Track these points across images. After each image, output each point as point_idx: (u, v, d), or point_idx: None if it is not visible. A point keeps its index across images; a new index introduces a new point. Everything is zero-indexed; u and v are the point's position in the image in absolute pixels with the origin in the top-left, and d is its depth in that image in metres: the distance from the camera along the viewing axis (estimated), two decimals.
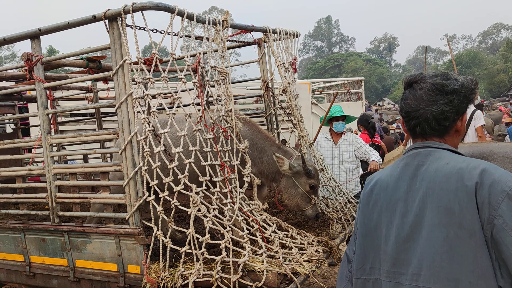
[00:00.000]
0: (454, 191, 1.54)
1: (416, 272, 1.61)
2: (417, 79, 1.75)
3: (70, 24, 3.39)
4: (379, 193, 1.80)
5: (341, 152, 5.83)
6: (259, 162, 4.14)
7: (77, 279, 3.64)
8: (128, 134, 3.22)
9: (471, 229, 1.50)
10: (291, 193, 4.08)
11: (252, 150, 4.06)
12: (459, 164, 1.59)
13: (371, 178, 1.90)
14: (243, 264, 2.94)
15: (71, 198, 3.64)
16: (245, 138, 3.96)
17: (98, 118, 6.29)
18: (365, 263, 1.81)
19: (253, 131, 4.15)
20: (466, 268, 1.50)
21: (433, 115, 1.68)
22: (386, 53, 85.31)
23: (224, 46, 3.83)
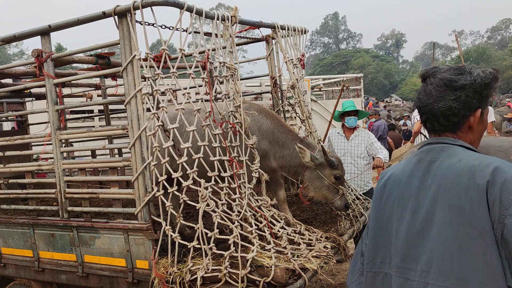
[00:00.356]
0: (466, 189, 1.53)
1: (425, 269, 1.60)
2: (429, 74, 1.74)
3: (80, 20, 3.40)
4: (392, 188, 1.79)
5: (353, 148, 5.81)
6: (280, 157, 4.07)
7: (86, 275, 3.66)
8: (137, 129, 3.23)
9: (481, 228, 1.48)
10: (316, 185, 3.99)
11: (272, 145, 4.02)
12: (472, 161, 1.57)
13: (385, 172, 1.90)
14: (251, 259, 2.95)
15: (80, 193, 3.66)
16: (266, 131, 3.95)
17: (107, 115, 6.32)
18: (375, 257, 1.82)
19: (275, 125, 4.08)
20: (475, 267, 1.49)
21: (441, 111, 1.66)
22: (394, 49, 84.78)
23: (233, 42, 3.83)
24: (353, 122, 5.84)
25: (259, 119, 4.01)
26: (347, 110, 5.82)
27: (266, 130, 3.98)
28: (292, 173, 4.19)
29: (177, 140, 3.21)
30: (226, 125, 3.62)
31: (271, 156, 4.04)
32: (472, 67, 1.70)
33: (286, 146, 4.06)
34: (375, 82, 61.30)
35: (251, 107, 4.08)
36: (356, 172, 5.79)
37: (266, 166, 4.05)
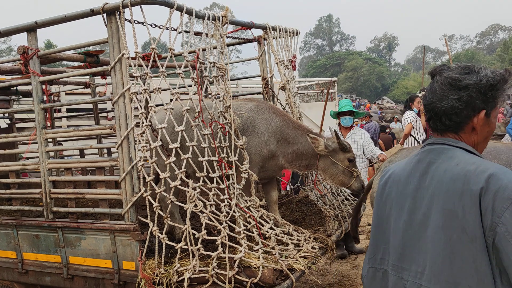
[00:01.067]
0: (460, 195, 1.51)
1: (419, 270, 1.61)
2: (436, 71, 1.71)
3: (68, 17, 3.36)
4: (392, 186, 1.80)
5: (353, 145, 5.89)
6: (289, 153, 4.05)
7: (71, 276, 3.60)
8: (125, 129, 3.19)
9: (473, 234, 1.47)
10: (332, 172, 4.03)
11: (280, 143, 4.00)
12: (468, 166, 1.55)
13: (386, 170, 1.89)
14: (239, 260, 2.93)
15: (66, 193, 3.61)
16: (275, 130, 3.94)
17: (96, 113, 6.25)
18: (376, 253, 1.83)
19: (284, 122, 4.05)
20: (466, 272, 1.49)
21: (443, 110, 1.64)
22: (386, 52, 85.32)
23: (224, 42, 3.81)
24: (348, 121, 6.01)
25: (268, 117, 3.98)
26: (342, 111, 5.97)
27: (275, 128, 3.96)
28: (304, 166, 4.18)
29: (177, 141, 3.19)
30: (216, 126, 3.60)
31: (279, 154, 4.01)
32: (481, 67, 1.67)
33: (296, 141, 4.03)
34: (367, 84, 61.65)
35: (259, 104, 4.06)
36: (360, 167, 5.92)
37: (274, 164, 4.04)
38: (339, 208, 4.54)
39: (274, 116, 3.99)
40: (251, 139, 3.85)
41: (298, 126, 4.12)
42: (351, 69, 61.87)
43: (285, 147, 4.02)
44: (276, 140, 3.96)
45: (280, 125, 4.00)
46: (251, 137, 3.86)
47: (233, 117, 3.69)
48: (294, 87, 5.04)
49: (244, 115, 3.92)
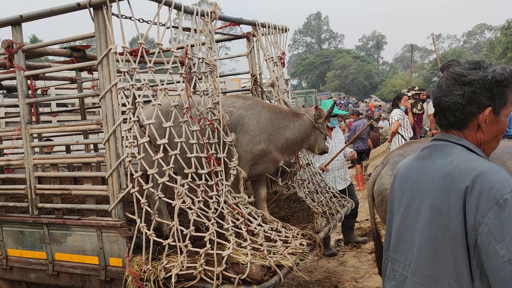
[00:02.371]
0: (447, 192, 1.52)
1: (408, 263, 1.64)
2: (444, 66, 1.70)
3: (53, 11, 3.31)
4: (396, 181, 1.83)
5: (336, 145, 6.22)
6: (282, 144, 4.04)
7: (56, 273, 3.56)
8: (112, 124, 3.16)
9: (454, 232, 1.48)
10: (320, 141, 4.20)
11: (272, 137, 3.96)
12: (461, 164, 1.54)
13: (398, 165, 1.92)
14: (227, 256, 2.92)
15: (52, 189, 3.56)
16: (265, 123, 3.91)
17: (82, 109, 6.18)
18: (389, 246, 1.86)
19: (273, 114, 4.02)
20: (447, 270, 1.50)
21: (447, 106, 1.62)
22: (374, 50, 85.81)
23: (212, 38, 3.79)
24: (335, 122, 6.48)
25: (257, 112, 3.94)
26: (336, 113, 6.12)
27: (265, 123, 3.92)
28: (298, 148, 4.24)
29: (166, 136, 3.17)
30: (204, 122, 3.58)
31: (272, 149, 3.97)
32: (491, 63, 1.64)
33: (287, 128, 4.04)
34: (355, 83, 61.96)
35: (246, 101, 4.04)
36: (340, 166, 6.26)
37: (268, 160, 4.01)
38: (327, 205, 4.56)
39: (262, 111, 3.96)
40: (241, 137, 3.82)
41: (286, 113, 4.13)
42: (339, 67, 62.10)
43: (278, 139, 3.99)
44: (267, 135, 3.92)
45: (270, 118, 3.96)
46: (241, 135, 3.82)
47: (222, 113, 3.68)
48: (283, 84, 5.04)
49: (233, 112, 3.90)
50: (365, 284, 4.76)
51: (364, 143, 10.20)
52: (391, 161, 3.56)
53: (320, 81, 66.24)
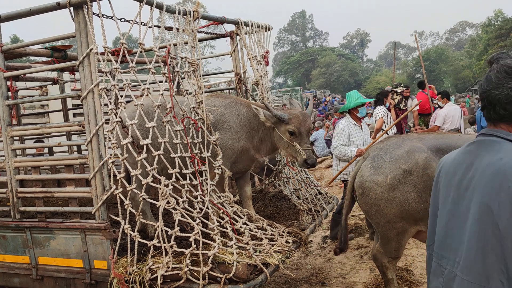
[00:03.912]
0: (497, 190, 1.48)
1: (457, 260, 1.62)
2: (494, 59, 1.66)
3: (33, 11, 3.26)
4: (442, 176, 1.80)
5: (366, 135, 6.11)
6: (257, 141, 4.03)
7: (40, 277, 3.52)
8: (94, 125, 3.13)
9: (505, 231, 1.45)
10: (282, 145, 3.96)
11: (250, 134, 3.97)
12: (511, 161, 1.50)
13: (442, 158, 1.89)
14: (213, 256, 2.92)
15: (34, 192, 3.51)
16: (243, 119, 3.93)
17: (64, 110, 6.09)
18: (434, 241, 1.83)
19: (250, 111, 4.00)
20: (498, 267, 1.48)
21: (497, 99, 1.57)
22: (359, 48, 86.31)
23: (195, 37, 3.77)
24: (364, 112, 6.16)
25: (236, 110, 3.97)
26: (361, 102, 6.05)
27: (243, 120, 3.95)
28: (270, 149, 4.13)
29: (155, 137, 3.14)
30: (188, 121, 3.57)
31: (250, 146, 3.99)
32: None
33: (260, 126, 4.00)
34: (340, 80, 62.29)
35: (226, 100, 4.05)
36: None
37: (246, 158, 4.02)
38: (313, 202, 4.58)
39: (241, 108, 3.99)
40: (223, 134, 3.85)
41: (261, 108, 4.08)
42: (324, 65, 62.32)
43: (253, 136, 4.02)
44: (245, 132, 3.96)
45: (247, 115, 3.99)
46: (222, 132, 3.85)
47: (206, 112, 3.67)
48: (267, 83, 5.05)
49: (221, 110, 3.91)
50: (352, 280, 4.79)
51: None
52: (371, 155, 3.60)
53: (306, 79, 66.43)
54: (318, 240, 6.32)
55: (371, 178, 3.45)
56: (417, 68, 51.37)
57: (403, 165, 3.34)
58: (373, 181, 3.43)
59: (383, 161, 3.45)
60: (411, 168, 3.31)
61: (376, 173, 3.44)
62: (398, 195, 3.33)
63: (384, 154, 3.48)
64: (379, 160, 3.48)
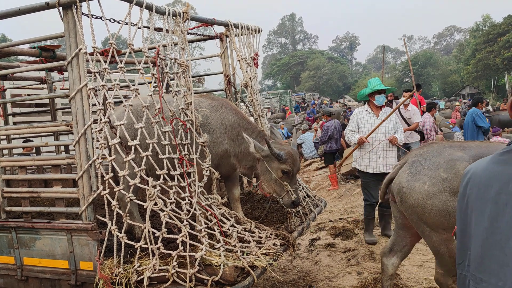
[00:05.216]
0: None
1: (500, 284, 1.47)
2: None
3: (21, 10, 3.24)
4: (472, 188, 1.64)
5: (383, 124, 5.86)
6: (239, 152, 3.97)
7: (25, 278, 3.49)
8: (82, 125, 3.12)
9: None
10: (266, 178, 3.87)
11: (233, 140, 3.93)
12: None
13: (468, 169, 1.74)
14: (200, 258, 2.92)
15: (20, 192, 3.48)
16: (227, 125, 3.89)
17: (52, 110, 6.05)
18: (464, 259, 1.70)
19: (236, 118, 3.97)
20: None
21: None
22: (348, 51, 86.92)
23: (185, 38, 3.77)
24: (381, 100, 5.91)
25: (221, 114, 3.93)
26: (377, 89, 5.89)
27: (227, 125, 3.90)
28: (249, 168, 4.05)
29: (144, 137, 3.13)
30: (177, 122, 3.56)
31: (231, 153, 3.96)
32: None
33: (244, 141, 3.92)
34: (329, 83, 62.60)
35: (213, 102, 4.01)
36: (387, 148, 5.84)
37: (227, 164, 3.99)
38: (301, 205, 4.60)
39: (227, 113, 3.95)
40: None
41: (248, 123, 4.04)
42: (313, 68, 62.61)
43: (237, 145, 3.97)
44: (229, 137, 3.92)
45: (233, 122, 3.94)
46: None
47: (195, 114, 3.67)
48: (256, 85, 5.06)
49: (205, 112, 3.91)
50: (339, 283, 4.82)
51: (337, 143, 10.31)
52: (409, 161, 3.46)
53: (295, 82, 66.67)
54: (305, 243, 6.35)
55: (408, 184, 3.32)
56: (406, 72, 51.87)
57: (442, 173, 3.19)
58: (410, 187, 3.30)
59: (421, 168, 3.32)
60: (451, 177, 3.14)
61: (414, 179, 3.30)
62: (437, 203, 3.16)
63: (423, 161, 3.35)
64: (418, 167, 3.34)
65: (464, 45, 55.64)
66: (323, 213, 7.63)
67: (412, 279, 4.72)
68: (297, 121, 21.98)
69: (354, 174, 9.96)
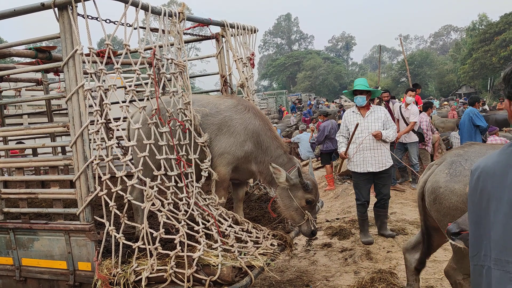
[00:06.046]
0: None
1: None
2: None
3: (17, 11, 3.24)
4: (486, 180, 1.72)
5: (369, 124, 5.82)
6: (260, 161, 3.90)
7: (24, 279, 3.49)
8: (79, 127, 3.12)
9: None
10: (286, 204, 3.81)
11: (256, 148, 3.86)
12: None
13: (476, 166, 1.82)
14: (197, 258, 2.93)
15: (18, 194, 3.48)
16: (253, 132, 3.83)
17: (49, 111, 6.04)
18: (479, 251, 1.76)
19: (263, 127, 3.90)
20: None
21: None
22: (344, 51, 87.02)
23: (181, 38, 3.78)
24: (359, 101, 5.83)
25: (246, 118, 3.85)
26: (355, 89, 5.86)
27: (252, 131, 3.83)
28: (268, 181, 4.01)
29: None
30: (175, 123, 3.57)
31: (253, 159, 3.89)
32: None
33: (268, 153, 3.88)
34: (325, 83, 62.68)
35: (239, 104, 3.94)
36: (375, 147, 5.79)
37: (246, 169, 3.92)
38: None
39: (253, 118, 3.87)
40: (226, 139, 3.78)
41: (275, 136, 3.99)
42: (309, 68, 62.67)
43: (260, 153, 3.89)
44: (252, 142, 3.84)
45: (258, 129, 3.86)
46: (226, 137, 3.78)
47: (193, 113, 3.67)
48: (252, 85, 5.08)
49: (221, 111, 3.86)
50: (336, 283, 4.83)
51: (333, 143, 10.32)
52: (448, 160, 3.33)
53: (291, 82, 66.71)
54: (302, 242, 6.36)
55: (446, 185, 3.18)
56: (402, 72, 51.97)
57: None
58: (449, 188, 3.16)
59: (462, 169, 3.16)
60: None
61: (454, 181, 3.15)
62: None
63: (464, 162, 3.19)
64: (458, 167, 3.18)
65: (460, 44, 55.87)
66: (320, 213, 7.65)
67: None
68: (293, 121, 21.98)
69: (350, 174, 9.98)
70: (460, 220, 2.20)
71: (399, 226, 6.54)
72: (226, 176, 3.83)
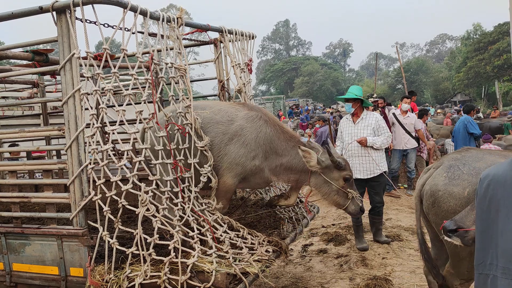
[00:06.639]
0: None
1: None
2: None
3: (15, 14, 3.23)
4: (496, 189, 1.73)
5: (359, 130, 5.82)
6: (276, 166, 3.82)
7: (14, 284, 3.45)
8: (74, 130, 3.10)
9: None
10: (325, 191, 3.75)
11: (267, 156, 3.79)
12: None
13: (486, 173, 1.83)
14: (192, 264, 2.90)
15: (10, 197, 3.44)
16: (264, 140, 3.75)
17: (44, 114, 6.00)
18: (485, 259, 1.76)
19: (275, 132, 3.82)
20: None
21: None
22: (341, 58, 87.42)
23: (180, 43, 3.77)
24: (347, 108, 5.94)
25: (258, 126, 3.77)
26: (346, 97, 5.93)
27: (263, 140, 3.76)
28: (294, 181, 3.93)
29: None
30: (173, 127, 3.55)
31: (266, 167, 3.82)
32: None
33: (285, 154, 3.82)
34: (323, 89, 62.87)
35: (251, 112, 3.87)
36: (363, 154, 5.76)
37: (259, 177, 3.87)
38: (294, 211, 4.59)
39: (264, 126, 3.79)
40: (236, 149, 3.71)
41: (290, 137, 3.92)
42: (307, 74, 62.88)
43: (273, 159, 3.82)
44: (263, 152, 3.77)
45: (270, 136, 3.79)
46: (237, 147, 3.71)
47: (194, 117, 3.64)
48: (250, 90, 5.07)
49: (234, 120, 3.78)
50: None
51: None
52: (446, 164, 3.34)
53: (288, 87, 66.88)
54: (298, 248, 6.34)
55: (445, 189, 3.19)
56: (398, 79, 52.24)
57: None
58: (447, 191, 3.17)
59: (460, 172, 3.17)
60: None
61: (452, 184, 3.17)
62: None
63: (462, 166, 3.21)
64: (456, 171, 3.20)
65: (455, 53, 56.25)
66: (316, 219, 7.62)
67: (403, 285, 4.73)
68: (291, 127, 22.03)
69: None
70: (457, 218, 2.21)
71: (394, 233, 6.55)
72: (232, 187, 3.78)
